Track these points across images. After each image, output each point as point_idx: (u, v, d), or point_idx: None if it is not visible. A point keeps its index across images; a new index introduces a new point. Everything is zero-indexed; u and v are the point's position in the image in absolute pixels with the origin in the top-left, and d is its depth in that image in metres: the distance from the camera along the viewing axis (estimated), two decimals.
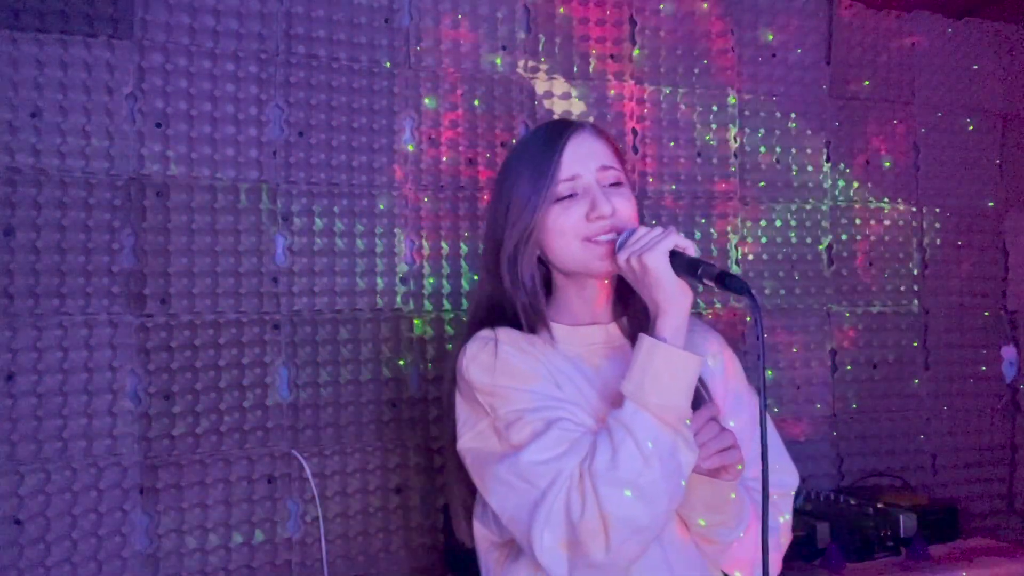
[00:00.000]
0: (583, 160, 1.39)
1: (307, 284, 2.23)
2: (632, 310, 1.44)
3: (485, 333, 1.39)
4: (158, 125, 2.11)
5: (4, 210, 1.97)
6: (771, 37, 2.76)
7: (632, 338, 1.40)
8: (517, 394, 1.31)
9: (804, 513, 2.38)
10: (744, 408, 1.49)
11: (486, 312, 1.44)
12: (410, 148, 2.35)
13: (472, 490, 1.42)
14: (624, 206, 1.39)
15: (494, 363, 1.33)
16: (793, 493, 1.51)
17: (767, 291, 2.72)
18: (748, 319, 2.68)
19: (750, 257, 2.71)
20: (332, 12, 2.28)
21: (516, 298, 1.40)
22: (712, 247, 2.66)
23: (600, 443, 1.23)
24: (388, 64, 2.33)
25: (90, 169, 2.05)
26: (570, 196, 1.38)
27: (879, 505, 2.44)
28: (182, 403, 2.08)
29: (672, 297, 1.27)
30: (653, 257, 1.26)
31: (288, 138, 2.23)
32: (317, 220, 2.25)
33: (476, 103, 2.41)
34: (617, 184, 1.41)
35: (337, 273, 2.26)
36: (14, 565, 1.91)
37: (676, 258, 1.28)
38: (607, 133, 1.48)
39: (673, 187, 2.63)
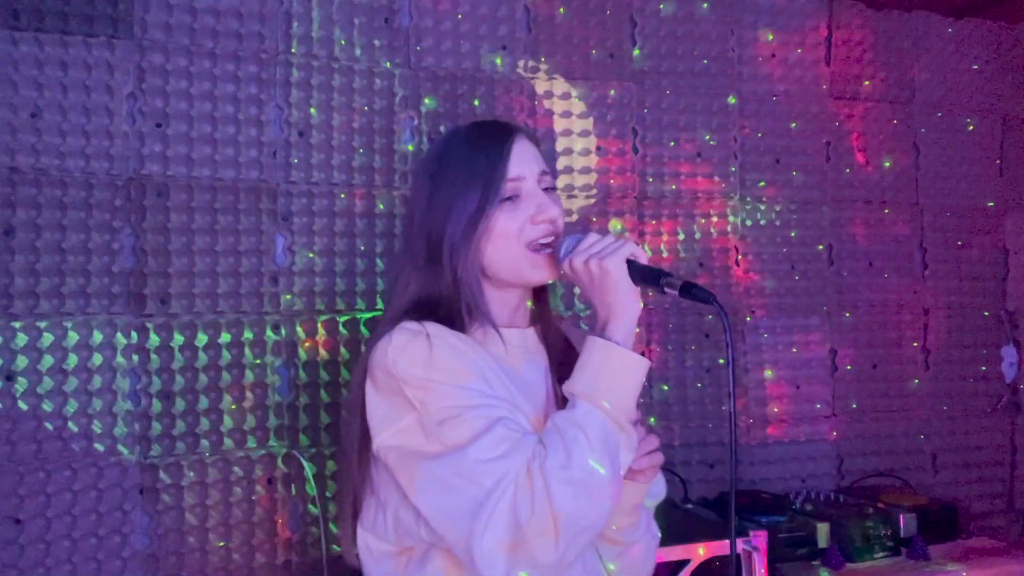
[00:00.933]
0: (527, 162, 1.40)
1: (307, 284, 2.23)
2: (546, 318, 1.47)
3: (412, 325, 1.31)
4: (158, 125, 2.11)
5: (4, 210, 1.97)
6: (771, 37, 2.76)
7: (546, 344, 1.45)
8: (453, 390, 1.26)
9: (804, 513, 2.38)
10: None
11: (413, 308, 1.37)
12: (410, 148, 2.35)
13: (360, 498, 1.38)
14: (560, 213, 1.41)
15: (428, 356, 1.27)
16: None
17: (767, 291, 2.72)
18: (748, 319, 2.68)
19: (750, 257, 2.71)
20: (332, 12, 2.28)
21: (459, 295, 1.36)
22: (712, 247, 2.67)
23: (551, 442, 1.22)
24: (388, 64, 2.33)
25: (90, 169, 2.05)
26: (511, 198, 1.38)
27: (879, 505, 2.44)
28: (182, 403, 2.08)
29: (626, 302, 1.29)
30: (613, 262, 1.28)
31: (288, 138, 2.23)
32: (317, 220, 2.25)
33: (476, 103, 2.41)
34: (551, 189, 1.43)
35: (337, 273, 2.26)
36: (14, 565, 1.91)
37: (631, 266, 1.30)
38: (537, 139, 1.50)
39: (673, 187, 2.63)
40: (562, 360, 1.42)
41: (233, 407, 2.13)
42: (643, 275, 1.30)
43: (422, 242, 1.41)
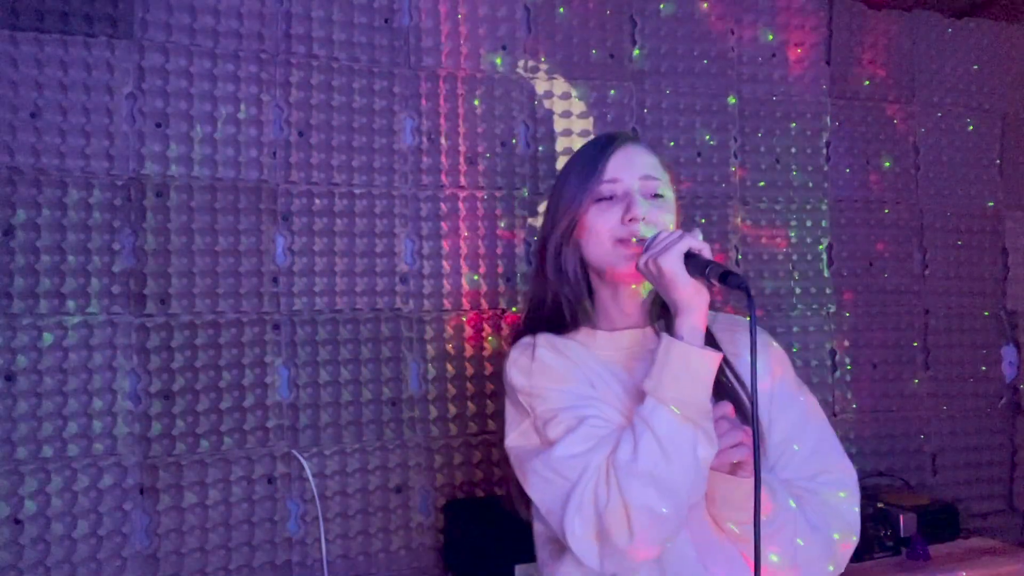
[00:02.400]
0: (627, 167, 1.47)
1: (307, 284, 2.23)
2: (669, 313, 1.48)
3: (526, 339, 1.48)
4: (158, 125, 2.11)
5: (4, 210, 1.97)
6: (771, 37, 2.76)
7: None
8: (553, 393, 1.39)
9: None
10: (792, 405, 1.50)
11: (535, 312, 1.52)
12: (410, 148, 2.35)
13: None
14: (659, 216, 1.45)
15: (531, 365, 1.42)
16: (847, 493, 1.51)
17: (767, 291, 2.72)
18: (747, 319, 2.68)
19: (750, 257, 2.71)
20: (332, 12, 2.28)
21: (560, 291, 1.48)
22: (712, 247, 2.66)
23: (624, 437, 1.30)
24: (388, 64, 2.33)
25: (90, 169, 2.05)
26: (609, 198, 1.45)
27: (879, 505, 2.43)
28: (182, 403, 2.08)
29: (687, 297, 1.33)
30: (667, 259, 1.32)
31: (288, 138, 2.23)
32: (317, 220, 2.25)
33: (476, 103, 2.41)
34: (659, 196, 1.48)
35: (337, 273, 2.26)
36: (14, 565, 1.92)
37: (691, 260, 1.32)
38: (656, 151, 1.55)
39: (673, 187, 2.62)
40: None
41: (233, 407, 2.13)
42: (696, 268, 1.33)
43: (538, 248, 1.56)
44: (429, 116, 2.36)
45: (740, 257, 2.69)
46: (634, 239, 1.42)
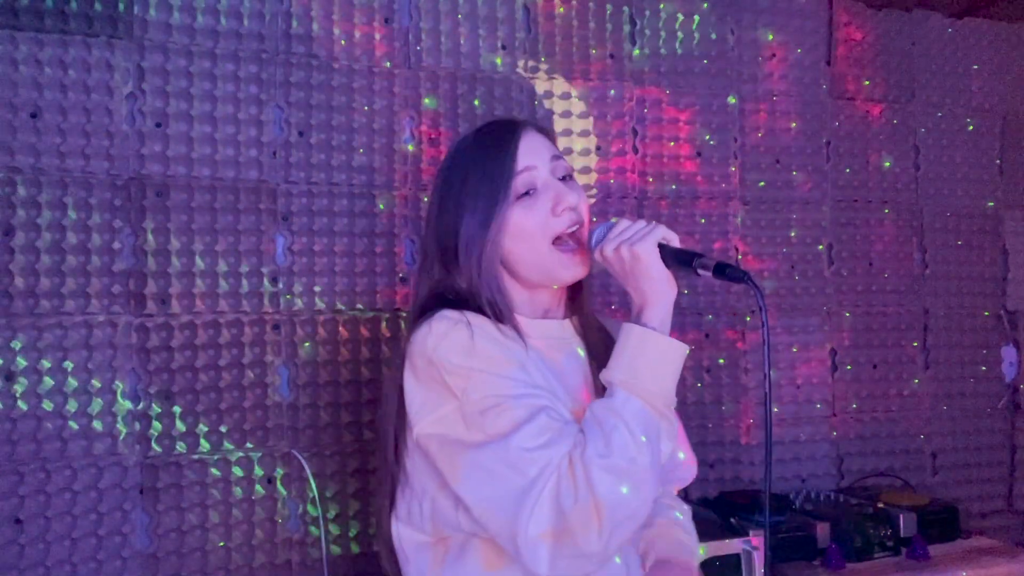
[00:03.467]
0: (537, 152, 1.39)
1: (307, 284, 2.23)
2: (582, 309, 1.46)
3: (452, 314, 1.30)
4: (158, 125, 2.11)
5: (4, 210, 1.97)
6: (771, 37, 2.76)
7: (584, 337, 1.43)
8: (494, 379, 1.25)
9: (804, 513, 2.38)
10: None
11: (439, 300, 1.37)
12: (410, 148, 2.35)
13: (395, 490, 1.38)
14: (582, 199, 1.39)
15: (469, 344, 1.26)
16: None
17: (767, 291, 2.71)
18: (748, 319, 2.68)
19: (750, 257, 2.71)
20: (332, 12, 2.28)
21: (480, 293, 1.35)
22: (712, 247, 2.66)
23: (591, 431, 1.22)
24: (388, 64, 2.33)
25: (90, 169, 2.05)
26: (527, 193, 1.36)
27: (879, 505, 2.43)
28: (182, 403, 2.08)
29: (660, 287, 1.29)
30: (644, 247, 1.27)
31: (288, 138, 2.23)
32: (317, 220, 2.25)
33: (476, 103, 2.41)
34: (568, 177, 1.41)
35: (337, 273, 2.26)
36: (14, 565, 1.91)
37: (664, 249, 1.29)
38: (548, 130, 1.49)
39: (673, 187, 2.63)
40: (600, 350, 1.41)
41: (233, 407, 2.13)
42: (676, 258, 1.28)
43: (434, 247, 1.41)
44: (428, 116, 2.36)
45: (740, 257, 2.69)
46: (569, 231, 1.35)
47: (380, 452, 1.39)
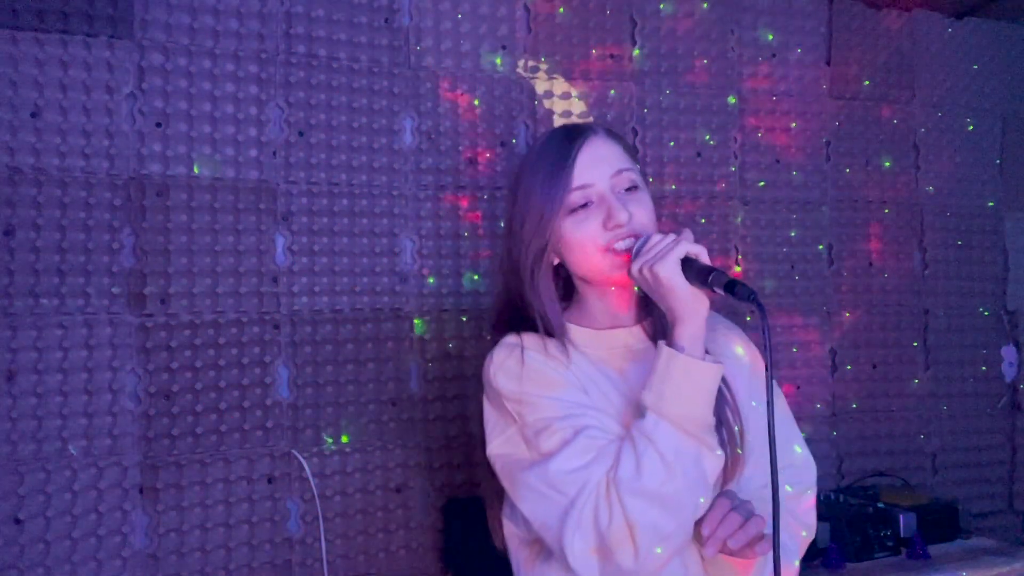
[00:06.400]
0: (596, 166, 1.39)
1: (307, 284, 2.22)
2: (656, 312, 1.43)
3: (511, 340, 1.40)
4: (158, 125, 2.11)
5: (4, 210, 1.97)
6: (771, 37, 2.76)
7: (656, 340, 1.40)
8: (545, 402, 1.32)
9: None
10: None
11: (509, 314, 1.45)
12: (410, 148, 2.35)
13: (501, 490, 1.44)
14: (640, 211, 1.39)
15: (520, 370, 1.34)
16: (807, 491, 1.50)
17: (767, 291, 2.72)
18: (748, 319, 2.68)
19: (750, 257, 2.71)
20: (332, 12, 2.28)
21: (534, 306, 1.41)
22: (712, 247, 2.66)
23: (624, 453, 1.24)
24: (388, 64, 2.33)
25: (90, 169, 2.05)
26: (584, 206, 1.38)
27: (879, 505, 2.44)
28: (182, 403, 2.08)
29: (687, 305, 1.28)
30: (664, 267, 1.26)
31: (288, 138, 2.23)
32: (317, 220, 2.25)
33: (476, 103, 2.41)
34: (633, 188, 1.41)
35: (337, 273, 2.26)
36: (14, 565, 1.91)
37: (688, 265, 1.27)
38: (619, 135, 1.48)
39: (673, 187, 2.63)
40: None
41: (233, 407, 2.13)
42: (696, 275, 1.26)
43: (507, 252, 1.47)
44: (429, 116, 2.36)
45: (740, 257, 2.69)
46: (618, 245, 1.36)
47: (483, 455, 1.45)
